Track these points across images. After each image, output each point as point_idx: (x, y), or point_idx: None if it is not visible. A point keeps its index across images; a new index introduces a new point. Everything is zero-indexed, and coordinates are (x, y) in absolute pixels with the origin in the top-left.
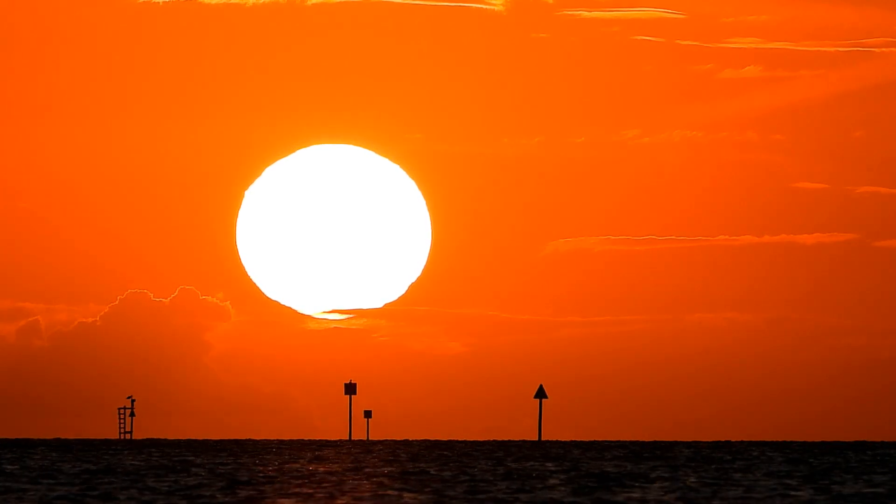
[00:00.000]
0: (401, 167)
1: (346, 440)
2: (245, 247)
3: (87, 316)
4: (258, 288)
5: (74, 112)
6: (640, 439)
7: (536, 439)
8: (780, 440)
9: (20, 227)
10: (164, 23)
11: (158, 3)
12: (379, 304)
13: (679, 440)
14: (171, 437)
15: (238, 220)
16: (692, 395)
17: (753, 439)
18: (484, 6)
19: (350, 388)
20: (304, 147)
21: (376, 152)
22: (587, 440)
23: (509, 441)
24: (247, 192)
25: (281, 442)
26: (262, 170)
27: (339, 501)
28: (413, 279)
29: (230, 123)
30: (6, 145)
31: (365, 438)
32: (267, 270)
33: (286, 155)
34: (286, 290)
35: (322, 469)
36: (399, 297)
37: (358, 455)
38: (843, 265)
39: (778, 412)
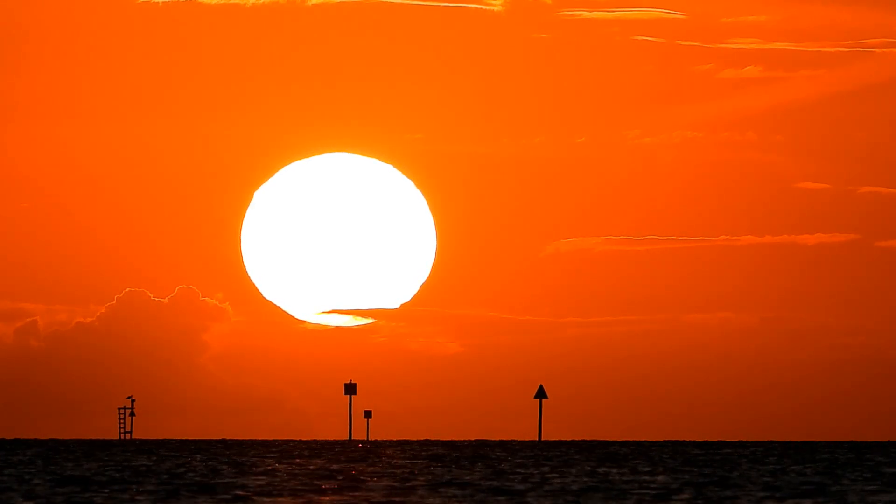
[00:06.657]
0: (402, 168)
1: (345, 440)
2: (248, 248)
3: (86, 316)
4: (258, 289)
5: (74, 112)
6: (640, 439)
7: (536, 439)
8: (781, 440)
9: (19, 227)
10: (164, 23)
11: (158, 3)
12: (395, 305)
13: (682, 440)
14: (170, 436)
15: (243, 221)
16: (694, 395)
17: (755, 439)
18: (483, 6)
19: (350, 389)
20: (304, 149)
21: (377, 152)
22: (587, 440)
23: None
24: (256, 193)
25: (281, 442)
26: (265, 173)
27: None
28: (422, 280)
29: (231, 124)
30: (6, 145)
31: (365, 438)
32: (269, 271)
33: (285, 157)
34: (287, 290)
35: None
36: (399, 297)
37: None
38: (844, 265)
39: (780, 412)
